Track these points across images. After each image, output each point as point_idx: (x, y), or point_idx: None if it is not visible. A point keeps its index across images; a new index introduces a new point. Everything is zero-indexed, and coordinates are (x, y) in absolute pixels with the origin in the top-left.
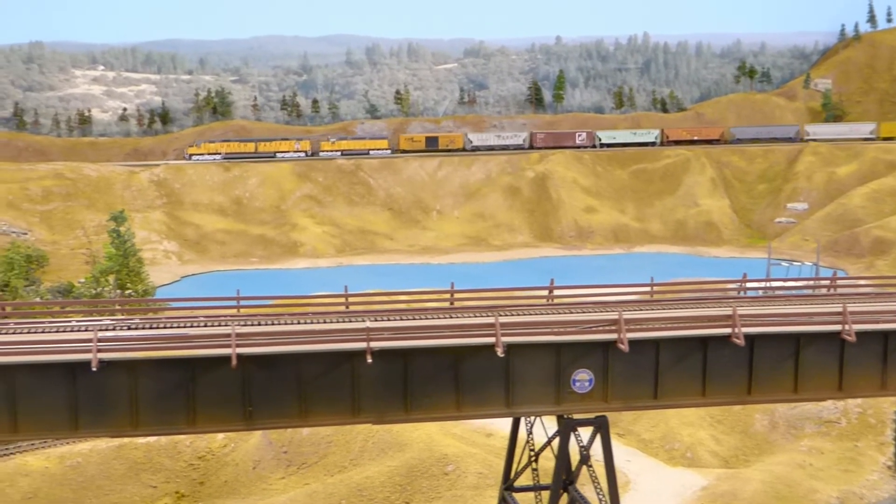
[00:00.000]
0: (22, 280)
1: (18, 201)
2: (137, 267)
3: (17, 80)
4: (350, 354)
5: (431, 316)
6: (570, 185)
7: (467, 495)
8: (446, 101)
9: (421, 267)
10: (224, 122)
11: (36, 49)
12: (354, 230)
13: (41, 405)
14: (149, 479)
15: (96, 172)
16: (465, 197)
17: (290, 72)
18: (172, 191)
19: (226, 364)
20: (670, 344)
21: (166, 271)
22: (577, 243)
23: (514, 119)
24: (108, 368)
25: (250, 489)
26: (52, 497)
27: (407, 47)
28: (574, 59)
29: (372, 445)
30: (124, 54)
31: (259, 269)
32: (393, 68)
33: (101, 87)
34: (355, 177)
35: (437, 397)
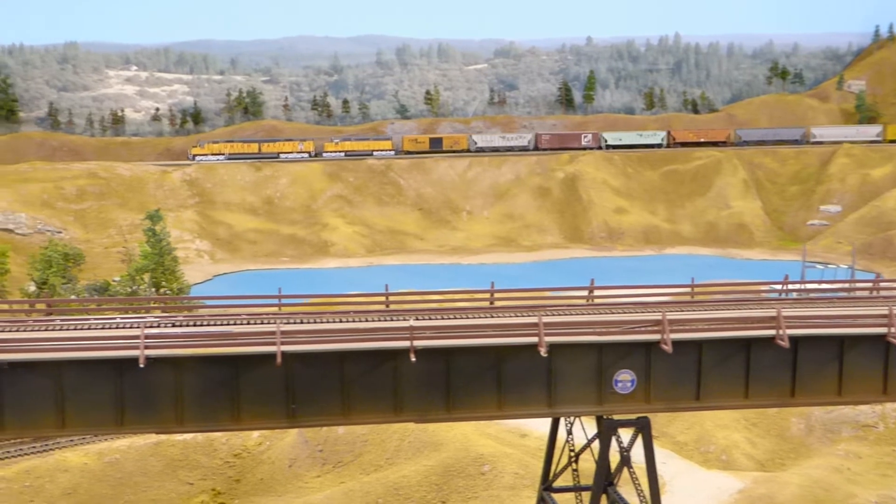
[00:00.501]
0: (60, 278)
1: (53, 200)
2: (172, 265)
3: (52, 80)
4: (393, 353)
5: (473, 315)
6: (600, 185)
7: (504, 496)
8: (476, 102)
9: (451, 267)
10: (255, 122)
11: (70, 50)
12: (384, 230)
13: (88, 401)
14: (185, 476)
15: (129, 172)
16: (495, 197)
17: (320, 72)
18: (204, 190)
19: (270, 362)
20: (713, 345)
21: (198, 270)
22: (608, 244)
23: (543, 120)
24: (153, 365)
25: (286, 487)
26: (91, 493)
27: (437, 48)
28: (605, 59)
29: (407, 445)
30: (157, 55)
31: (290, 269)
32: (423, 69)
33: (133, 87)
34: (385, 177)
35: (479, 397)
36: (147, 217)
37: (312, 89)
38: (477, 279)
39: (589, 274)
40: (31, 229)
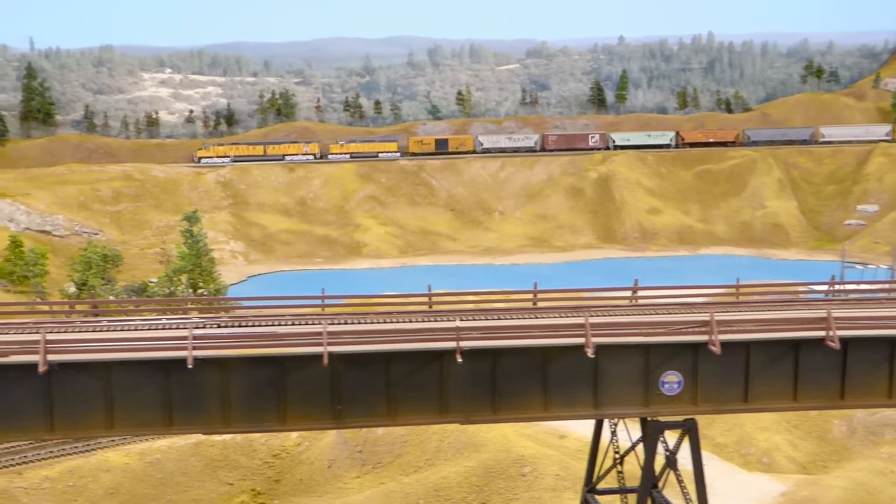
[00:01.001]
0: (99, 279)
1: (90, 202)
2: (209, 266)
3: (88, 83)
4: (439, 354)
5: (517, 316)
6: (633, 186)
7: (545, 497)
8: (508, 102)
9: (484, 268)
10: (288, 124)
11: (106, 53)
12: (417, 231)
13: (136, 402)
14: (225, 476)
15: (164, 174)
16: (527, 198)
17: (352, 73)
18: (238, 192)
19: (316, 362)
20: (762, 346)
21: (233, 271)
22: (641, 245)
23: (575, 120)
24: (201, 366)
25: (325, 488)
26: (133, 493)
27: (469, 48)
28: (637, 59)
29: (447, 446)
30: (191, 57)
31: (323, 270)
32: (455, 69)
33: (168, 89)
34: (417, 178)
35: (525, 398)
36: (184, 218)
37: (344, 90)
38: (510, 280)
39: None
40: (69, 231)
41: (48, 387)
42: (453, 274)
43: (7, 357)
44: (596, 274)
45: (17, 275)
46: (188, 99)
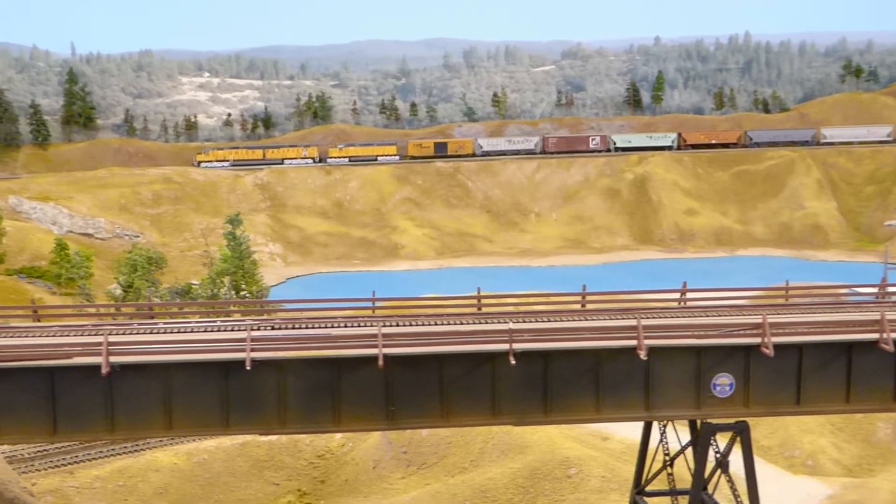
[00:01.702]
0: (144, 281)
1: (131, 205)
2: (252, 269)
3: (128, 87)
4: (492, 356)
5: (569, 318)
6: (670, 187)
7: (591, 499)
8: (543, 104)
9: (521, 269)
10: (324, 126)
11: (145, 57)
12: (453, 232)
13: (194, 403)
14: (272, 476)
15: (203, 176)
16: (564, 199)
17: (388, 76)
18: (276, 194)
19: (371, 364)
20: (814, 349)
21: (272, 273)
22: (679, 246)
23: (611, 121)
24: (258, 367)
25: (371, 488)
26: (181, 492)
27: (504, 50)
28: (673, 59)
29: (492, 447)
30: (228, 61)
31: (361, 272)
32: (490, 71)
33: (206, 93)
34: (453, 179)
35: (577, 400)
36: (227, 221)
37: (380, 93)
38: (548, 282)
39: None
40: (110, 234)
41: (109, 388)
42: (491, 276)
43: (71, 359)
44: (634, 276)
45: (64, 277)
46: (226, 102)
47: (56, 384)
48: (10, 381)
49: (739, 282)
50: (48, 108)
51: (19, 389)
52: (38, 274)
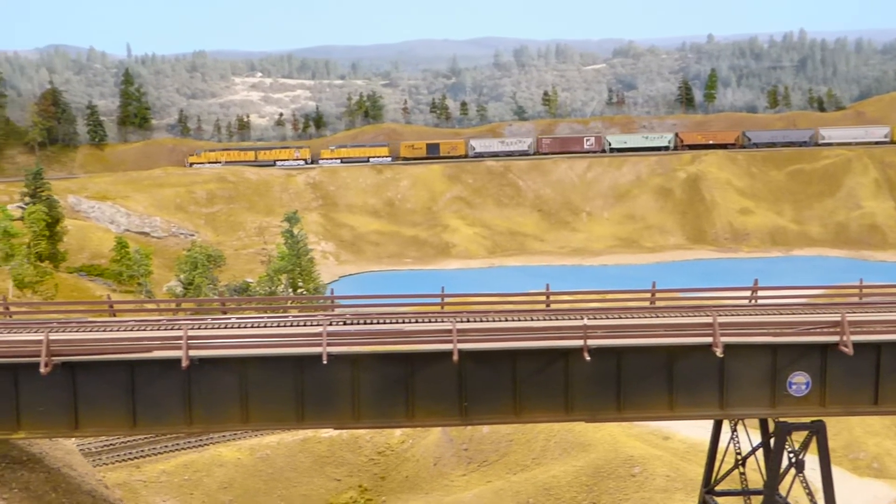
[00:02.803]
0: (205, 279)
1: (186, 204)
2: (309, 266)
3: (182, 88)
4: (565, 352)
5: (641, 315)
6: (723, 186)
7: (656, 498)
8: (594, 102)
9: (573, 269)
10: (375, 126)
11: (199, 58)
12: (504, 231)
13: (270, 397)
14: (333, 472)
15: (256, 176)
16: (615, 198)
17: (439, 75)
18: (327, 193)
19: (444, 359)
20: (892, 348)
21: (324, 271)
22: (732, 245)
23: (663, 119)
24: (333, 362)
25: (432, 485)
26: (245, 487)
27: (555, 48)
28: (726, 57)
29: (554, 445)
30: (280, 61)
31: (413, 270)
32: (541, 70)
33: (258, 93)
34: (504, 178)
35: (650, 397)
36: (285, 219)
37: (431, 92)
38: (601, 281)
39: (716, 276)
40: (166, 232)
41: (187, 382)
42: (543, 275)
43: (150, 352)
44: (688, 275)
45: (126, 275)
46: (278, 102)
47: (136, 377)
48: (92, 375)
49: (798, 282)
50: (104, 108)
51: (101, 383)
52: (97, 272)
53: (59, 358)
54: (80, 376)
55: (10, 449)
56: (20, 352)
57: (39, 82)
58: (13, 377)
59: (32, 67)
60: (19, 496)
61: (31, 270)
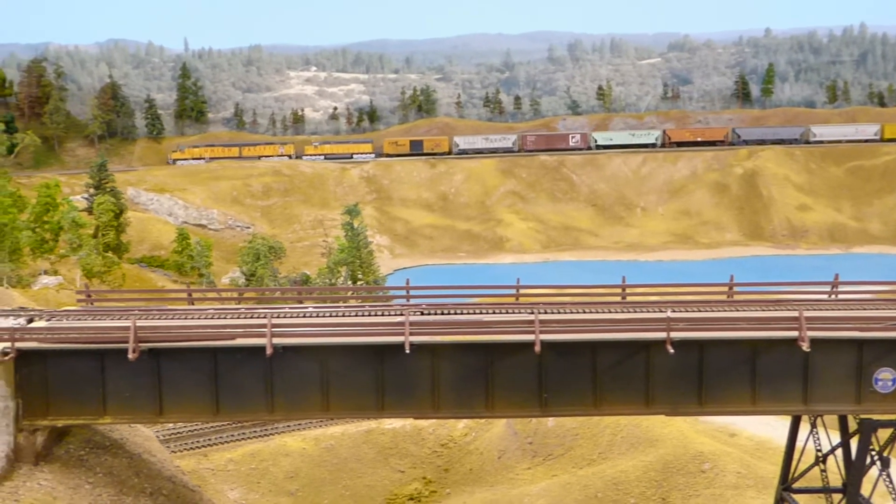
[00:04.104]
0: (267, 270)
1: (242, 197)
2: (369, 259)
3: (238, 82)
4: (646, 344)
5: (722, 308)
6: (781, 182)
7: (727, 494)
8: (649, 97)
9: (628, 264)
10: (429, 120)
11: (255, 53)
12: (558, 226)
13: (351, 386)
14: (396, 463)
15: (311, 169)
16: (670, 194)
17: (492, 69)
18: (381, 187)
19: (524, 350)
20: None
21: (379, 265)
22: (790, 242)
23: (719, 114)
24: (414, 352)
25: (496, 478)
26: (311, 477)
27: (610, 42)
28: (784, 51)
29: (620, 440)
30: (335, 55)
31: (467, 264)
32: (595, 64)
33: (313, 87)
34: (558, 173)
35: (732, 391)
36: (345, 211)
37: (484, 86)
38: (657, 276)
39: (775, 273)
40: (222, 225)
41: (270, 369)
42: (597, 270)
43: (234, 340)
44: (746, 272)
45: (188, 266)
46: (332, 96)
47: (219, 365)
48: (176, 362)
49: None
50: (162, 102)
51: (185, 370)
52: (157, 263)
53: (145, 344)
54: (165, 363)
55: (93, 434)
56: (108, 338)
57: (99, 76)
58: (100, 363)
59: (92, 62)
60: (104, 480)
61: (100, 260)
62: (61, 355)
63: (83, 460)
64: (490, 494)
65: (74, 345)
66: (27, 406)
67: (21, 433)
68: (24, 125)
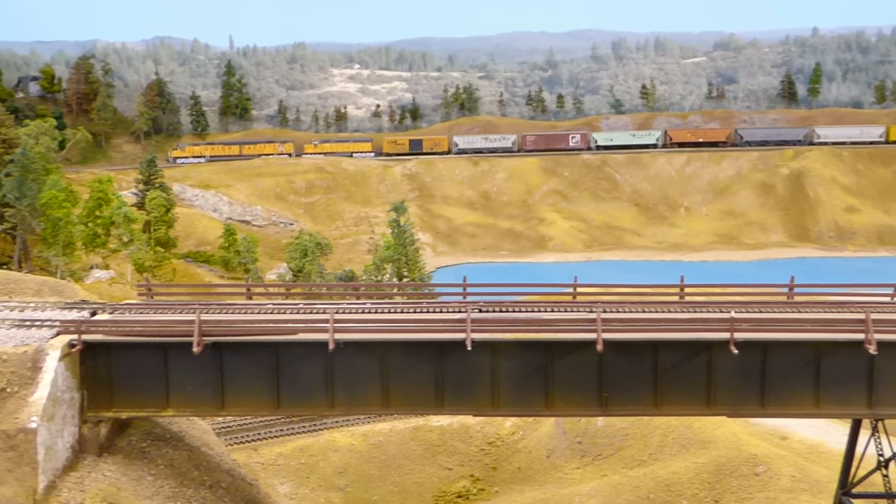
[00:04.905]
0: (314, 266)
1: (285, 193)
2: (415, 256)
3: (282, 79)
4: (708, 344)
5: (783, 310)
6: (828, 183)
7: (781, 498)
8: (693, 96)
9: (672, 264)
10: (471, 118)
11: (299, 50)
12: (601, 225)
13: (410, 382)
14: (444, 460)
15: (353, 167)
16: (714, 194)
17: (535, 67)
18: (424, 184)
19: (584, 349)
20: None
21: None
22: (837, 244)
23: (764, 114)
24: (475, 349)
25: (545, 477)
26: (359, 472)
27: (654, 41)
28: (831, 51)
29: (671, 441)
30: (378, 53)
31: (509, 263)
32: (639, 63)
33: (356, 84)
34: (601, 172)
35: (795, 393)
36: (392, 209)
37: (527, 85)
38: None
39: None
40: (266, 221)
41: (331, 364)
42: (641, 270)
43: (296, 335)
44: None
45: (236, 262)
46: (375, 94)
47: (280, 359)
48: (238, 356)
49: None
50: (207, 99)
51: (247, 364)
52: (203, 258)
53: (209, 338)
54: (228, 357)
55: (153, 427)
56: (173, 331)
57: (145, 73)
58: (163, 356)
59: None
60: (165, 472)
61: (151, 255)
62: (126, 348)
63: (145, 452)
64: (540, 493)
65: (140, 338)
66: (92, 398)
67: (86, 424)
68: (72, 121)
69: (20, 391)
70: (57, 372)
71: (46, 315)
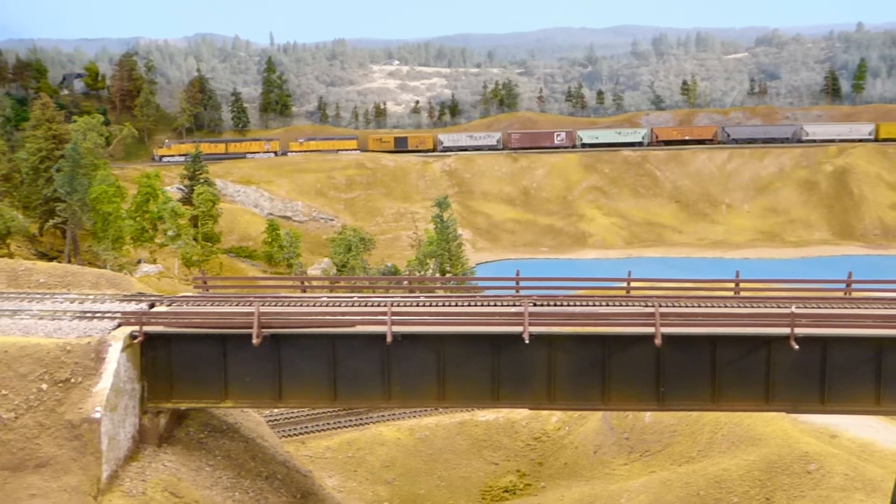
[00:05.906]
0: (358, 261)
1: (325, 189)
2: (458, 251)
3: (322, 75)
4: (766, 339)
5: (842, 305)
6: (873, 180)
7: (835, 497)
8: (735, 92)
9: (713, 261)
10: (510, 114)
11: (339, 46)
12: (641, 222)
13: (466, 375)
14: (490, 456)
15: (393, 163)
16: (756, 191)
17: (575, 63)
18: (463, 180)
19: (641, 343)
20: None
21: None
22: (883, 242)
23: (807, 111)
24: (531, 342)
25: (592, 473)
26: (406, 466)
27: (695, 37)
28: (877, 46)
29: (721, 438)
30: (418, 49)
31: (549, 259)
32: (680, 58)
33: (395, 81)
34: (641, 168)
35: (856, 389)
36: (435, 204)
37: (567, 81)
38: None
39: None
40: (307, 216)
41: (387, 357)
42: (682, 267)
43: (354, 327)
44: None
45: (280, 257)
46: (414, 90)
47: (337, 351)
48: (295, 348)
49: None
50: (247, 95)
51: (304, 356)
52: (245, 253)
53: (268, 330)
54: (285, 349)
55: (211, 418)
56: (232, 323)
57: (187, 70)
58: (222, 348)
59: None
60: (223, 463)
61: (198, 249)
62: (185, 339)
63: (203, 443)
64: (588, 489)
65: (199, 329)
66: (152, 389)
67: (146, 415)
68: (115, 118)
69: (84, 381)
70: (119, 363)
71: (107, 307)
